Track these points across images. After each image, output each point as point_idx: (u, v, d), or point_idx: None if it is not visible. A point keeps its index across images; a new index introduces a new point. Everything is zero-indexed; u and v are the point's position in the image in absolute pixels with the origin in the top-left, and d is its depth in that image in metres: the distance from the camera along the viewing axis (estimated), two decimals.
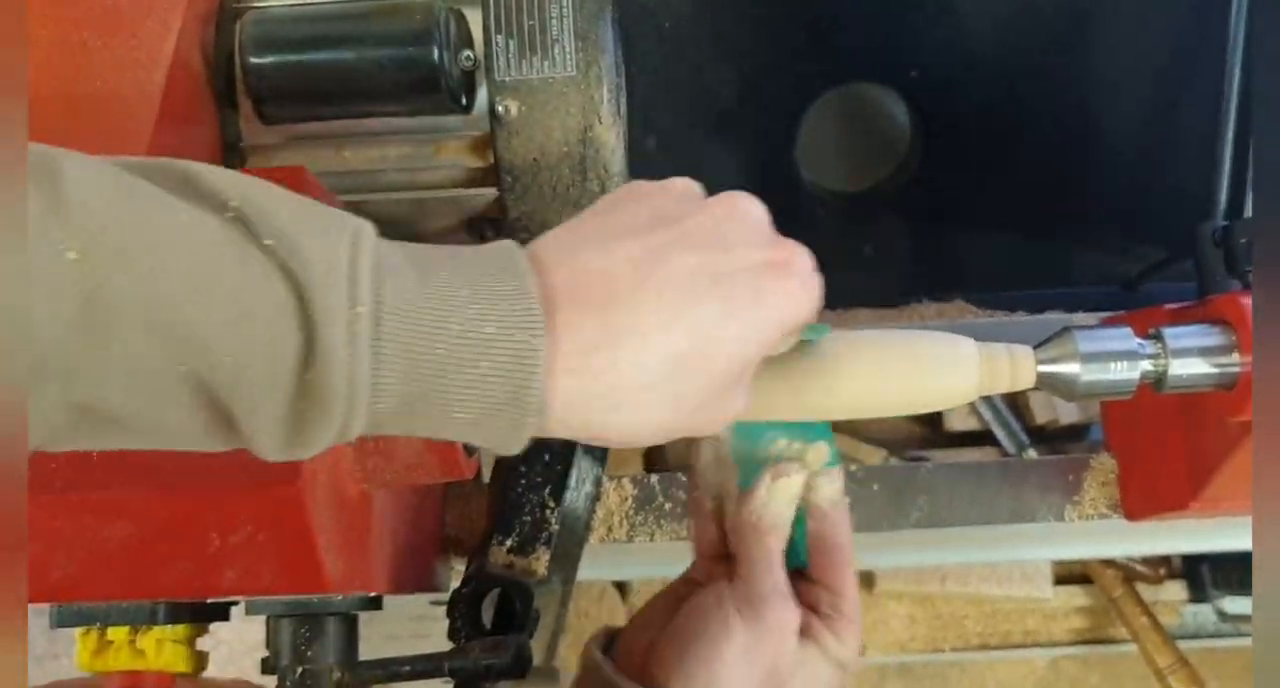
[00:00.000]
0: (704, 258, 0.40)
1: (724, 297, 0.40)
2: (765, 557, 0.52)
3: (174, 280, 0.33)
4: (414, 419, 0.37)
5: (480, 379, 0.36)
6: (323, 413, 0.35)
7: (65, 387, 0.33)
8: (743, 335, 0.40)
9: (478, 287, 0.37)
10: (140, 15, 0.58)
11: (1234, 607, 1.35)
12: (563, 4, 0.61)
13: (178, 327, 0.33)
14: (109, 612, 0.56)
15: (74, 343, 0.33)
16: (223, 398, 0.35)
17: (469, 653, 0.57)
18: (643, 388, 0.39)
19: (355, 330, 0.35)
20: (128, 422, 0.35)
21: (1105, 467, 0.76)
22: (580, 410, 0.38)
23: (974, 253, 0.94)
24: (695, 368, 0.39)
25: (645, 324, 0.38)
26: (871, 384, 0.51)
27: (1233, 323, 0.54)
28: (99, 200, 0.33)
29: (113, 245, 0.33)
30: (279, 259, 0.35)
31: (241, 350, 0.34)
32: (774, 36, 0.89)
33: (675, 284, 0.39)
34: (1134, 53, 0.87)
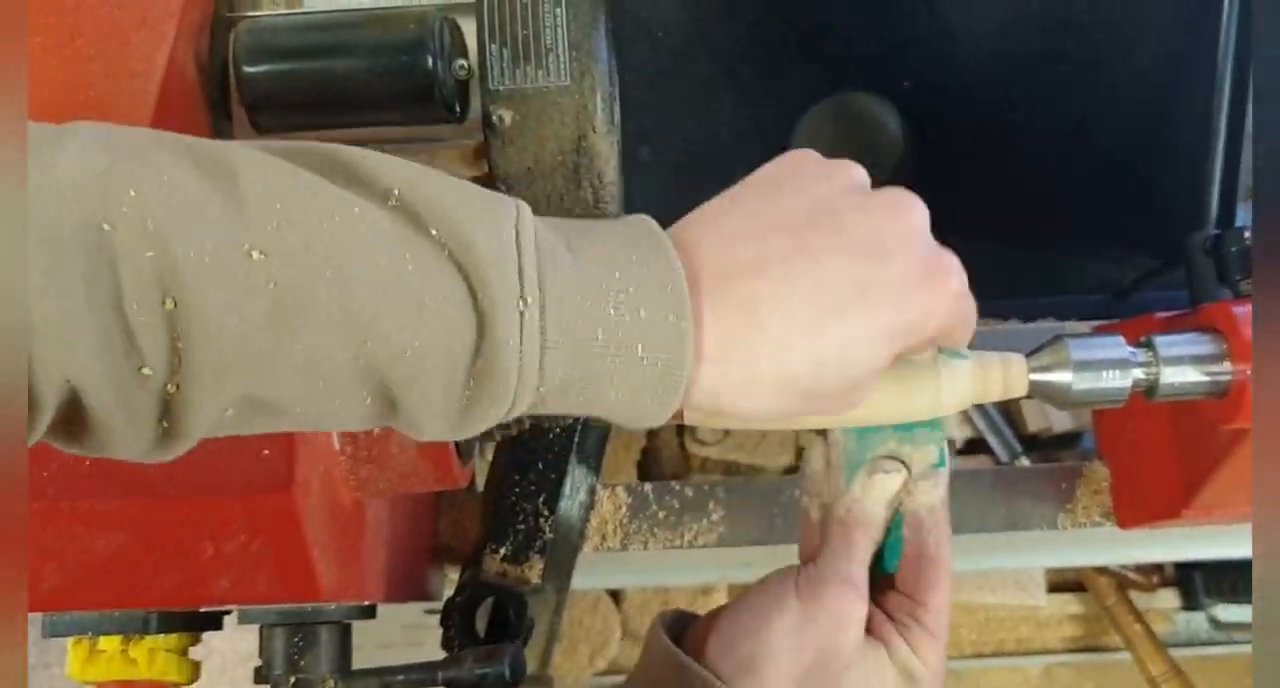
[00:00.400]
0: (859, 266, 0.40)
1: (872, 307, 0.40)
2: (845, 547, 0.50)
3: (356, 277, 0.34)
4: (569, 397, 0.38)
5: (636, 362, 0.38)
6: (493, 400, 0.37)
7: (247, 382, 0.34)
8: (881, 346, 0.41)
9: (628, 271, 0.38)
10: (134, 24, 0.58)
11: (1227, 615, 1.36)
12: (557, 13, 0.61)
13: (362, 323, 0.34)
14: (101, 621, 0.56)
15: (263, 342, 0.34)
16: (396, 388, 0.36)
17: (463, 662, 0.56)
18: (777, 381, 0.40)
19: (525, 321, 0.36)
20: (295, 411, 0.36)
21: (1098, 475, 0.76)
22: (713, 395, 0.40)
23: (966, 261, 0.94)
24: (831, 370, 0.40)
25: (790, 326, 0.39)
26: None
27: (1224, 331, 0.54)
28: (277, 198, 0.34)
29: (296, 244, 0.34)
30: (449, 249, 0.36)
31: (423, 343, 0.35)
32: (767, 46, 0.89)
33: (826, 290, 0.39)
34: (1126, 63, 0.87)
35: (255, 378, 0.34)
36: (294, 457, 0.48)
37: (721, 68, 0.88)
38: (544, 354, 0.37)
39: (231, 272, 0.33)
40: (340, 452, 0.52)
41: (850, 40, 0.89)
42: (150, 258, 0.32)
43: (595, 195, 0.63)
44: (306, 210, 0.34)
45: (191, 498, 0.49)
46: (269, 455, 0.48)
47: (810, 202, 0.41)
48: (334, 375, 0.35)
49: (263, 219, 0.33)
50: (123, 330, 0.32)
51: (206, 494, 0.49)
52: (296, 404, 0.36)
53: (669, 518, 0.76)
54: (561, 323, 0.37)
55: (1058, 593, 1.39)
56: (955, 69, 0.89)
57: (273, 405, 0.36)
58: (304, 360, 0.34)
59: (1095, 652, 1.41)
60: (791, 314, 0.39)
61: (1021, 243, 0.94)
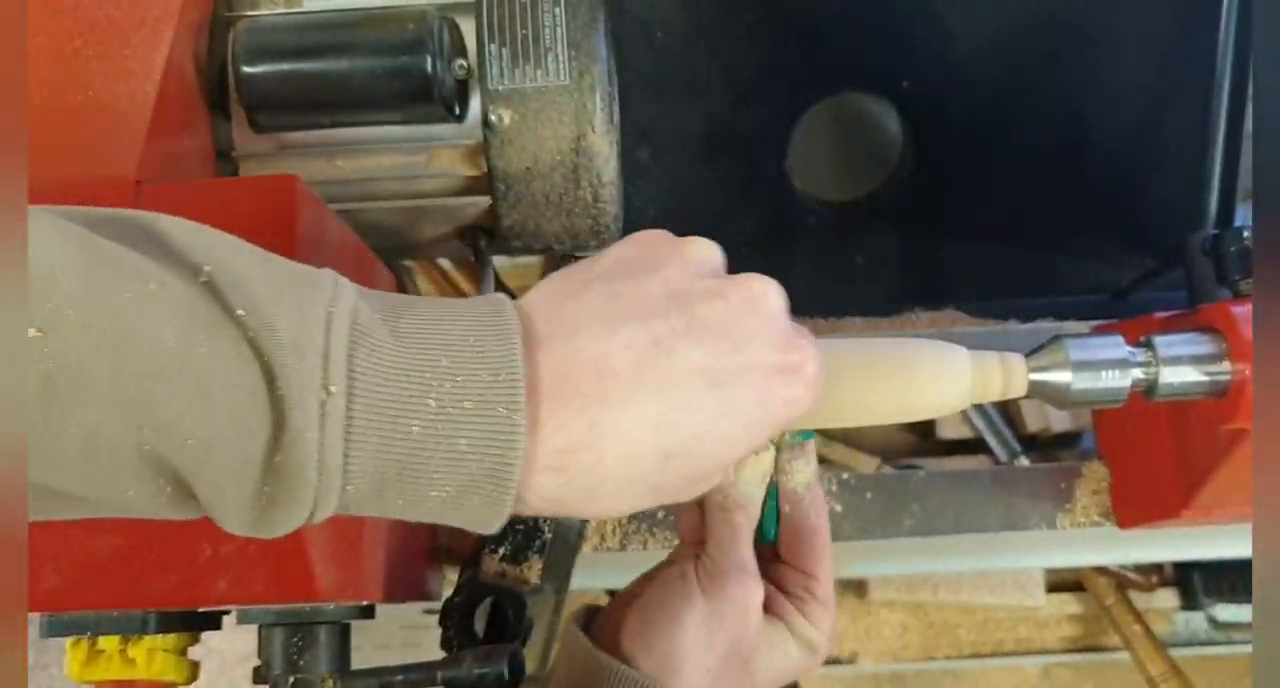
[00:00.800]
0: (711, 356, 0.38)
1: (725, 400, 0.38)
2: (731, 533, 0.52)
3: (139, 357, 0.32)
4: (386, 499, 0.36)
5: (458, 457, 0.35)
6: (291, 498, 0.34)
7: (29, 468, 0.32)
8: (736, 437, 0.39)
9: (459, 355, 0.35)
10: (132, 24, 0.58)
11: (1226, 614, 1.36)
12: (556, 13, 0.61)
13: (140, 405, 0.32)
14: (99, 621, 0.55)
15: (35, 419, 0.31)
16: (187, 478, 0.33)
17: (462, 662, 0.56)
18: (624, 482, 0.38)
19: (326, 412, 0.33)
20: (90, 498, 0.34)
21: (1097, 475, 0.76)
22: (557, 501, 0.38)
23: (965, 262, 0.95)
24: (681, 464, 0.38)
25: (637, 425, 0.37)
26: (865, 393, 0.51)
27: (1223, 331, 0.54)
28: (63, 272, 0.31)
29: (77, 321, 0.31)
30: (250, 333, 0.33)
31: (207, 432, 0.33)
32: (766, 46, 0.89)
33: (675, 383, 0.37)
34: (1124, 63, 0.88)
35: (30, 462, 0.32)
36: None
37: (721, 68, 0.88)
38: (349, 447, 0.34)
39: (6, 350, 0.31)
40: None
41: (849, 41, 0.89)
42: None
43: (594, 195, 0.63)
44: (94, 285, 0.32)
45: None
46: None
47: (662, 284, 0.39)
48: (116, 461, 0.33)
49: (45, 293, 0.31)
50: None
51: None
52: (85, 490, 0.33)
53: (668, 517, 0.76)
54: (372, 416, 0.34)
55: (1056, 593, 1.39)
56: (954, 70, 0.89)
57: (61, 492, 0.33)
58: (81, 444, 0.32)
59: (1094, 652, 1.41)
60: (639, 412, 0.37)
61: (1020, 243, 0.94)
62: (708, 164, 0.91)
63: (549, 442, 0.36)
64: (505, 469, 0.35)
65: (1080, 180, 0.92)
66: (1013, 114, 0.91)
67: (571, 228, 0.65)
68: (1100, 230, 0.93)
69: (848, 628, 1.32)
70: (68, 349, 0.31)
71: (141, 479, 0.33)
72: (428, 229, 0.66)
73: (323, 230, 0.54)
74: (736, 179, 0.93)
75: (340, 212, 0.60)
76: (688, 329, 0.38)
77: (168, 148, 0.56)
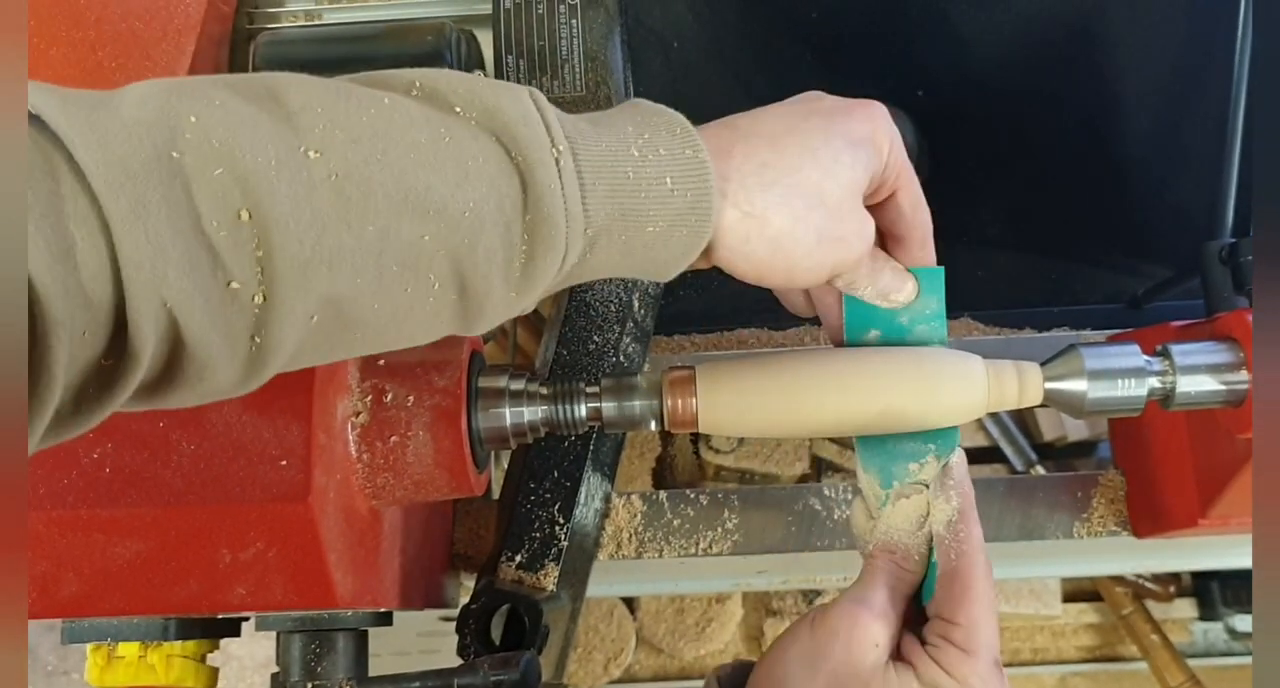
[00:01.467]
0: (825, 118, 0.48)
1: (834, 134, 0.47)
2: (866, 572, 0.51)
3: (403, 157, 0.38)
4: (614, 238, 0.43)
5: (667, 193, 0.43)
6: (548, 248, 0.41)
7: (328, 278, 0.37)
8: (852, 158, 0.47)
9: (641, 122, 0.44)
10: (154, 37, 0.58)
11: (1245, 625, 1.35)
12: (572, 25, 0.62)
13: (418, 196, 0.38)
14: (120, 628, 0.56)
15: (335, 231, 0.37)
16: (462, 258, 0.40)
17: (478, 669, 0.57)
18: (797, 217, 0.46)
19: (561, 167, 0.40)
20: (371, 311, 0.39)
21: (1114, 484, 0.76)
22: (744, 240, 0.45)
23: (981, 271, 0.95)
24: (823, 196, 0.46)
25: (787, 163, 0.46)
26: (882, 401, 0.51)
27: (1240, 340, 0.54)
28: (317, 104, 0.37)
29: (344, 138, 0.37)
30: (476, 120, 0.40)
31: (475, 203, 0.39)
32: (780, 57, 0.89)
33: (804, 132, 0.47)
34: (1139, 72, 0.87)
35: (334, 271, 0.37)
36: (311, 465, 0.48)
37: (736, 79, 0.89)
38: (584, 194, 0.41)
39: (294, 173, 0.36)
40: (357, 460, 0.53)
41: (864, 51, 0.89)
42: (219, 175, 0.35)
43: None
44: (345, 109, 0.38)
45: (209, 506, 0.50)
46: (287, 464, 0.49)
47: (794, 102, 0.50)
48: (404, 257, 0.38)
49: (310, 123, 0.37)
50: (207, 249, 0.35)
51: (224, 502, 0.50)
52: (373, 299, 0.39)
53: (684, 526, 0.76)
54: (593, 165, 0.42)
55: (1073, 602, 1.39)
56: (968, 79, 0.90)
57: (351, 306, 0.38)
58: (374, 244, 0.38)
59: (1112, 662, 1.40)
60: (792, 163, 0.46)
61: (1035, 252, 0.94)
62: None
63: (731, 180, 0.45)
64: (704, 201, 0.44)
65: (1096, 189, 0.92)
66: (1027, 123, 0.91)
67: None
68: (1116, 239, 0.93)
69: None
70: (347, 163, 0.37)
71: (420, 277, 0.39)
72: None
73: None
74: None
75: None
76: (809, 109, 0.49)
77: None
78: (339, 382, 0.52)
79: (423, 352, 0.55)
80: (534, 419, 0.56)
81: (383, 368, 0.54)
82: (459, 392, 0.53)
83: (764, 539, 0.76)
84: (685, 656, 1.46)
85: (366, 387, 0.53)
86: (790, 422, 0.52)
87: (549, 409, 0.56)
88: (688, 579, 0.87)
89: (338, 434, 0.51)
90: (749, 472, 1.11)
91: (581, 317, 0.73)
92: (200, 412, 0.49)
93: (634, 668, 1.48)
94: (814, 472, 1.15)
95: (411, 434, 0.53)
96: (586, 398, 0.56)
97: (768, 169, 0.46)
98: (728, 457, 1.10)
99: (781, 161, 0.46)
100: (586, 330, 0.72)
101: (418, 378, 0.54)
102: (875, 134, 0.49)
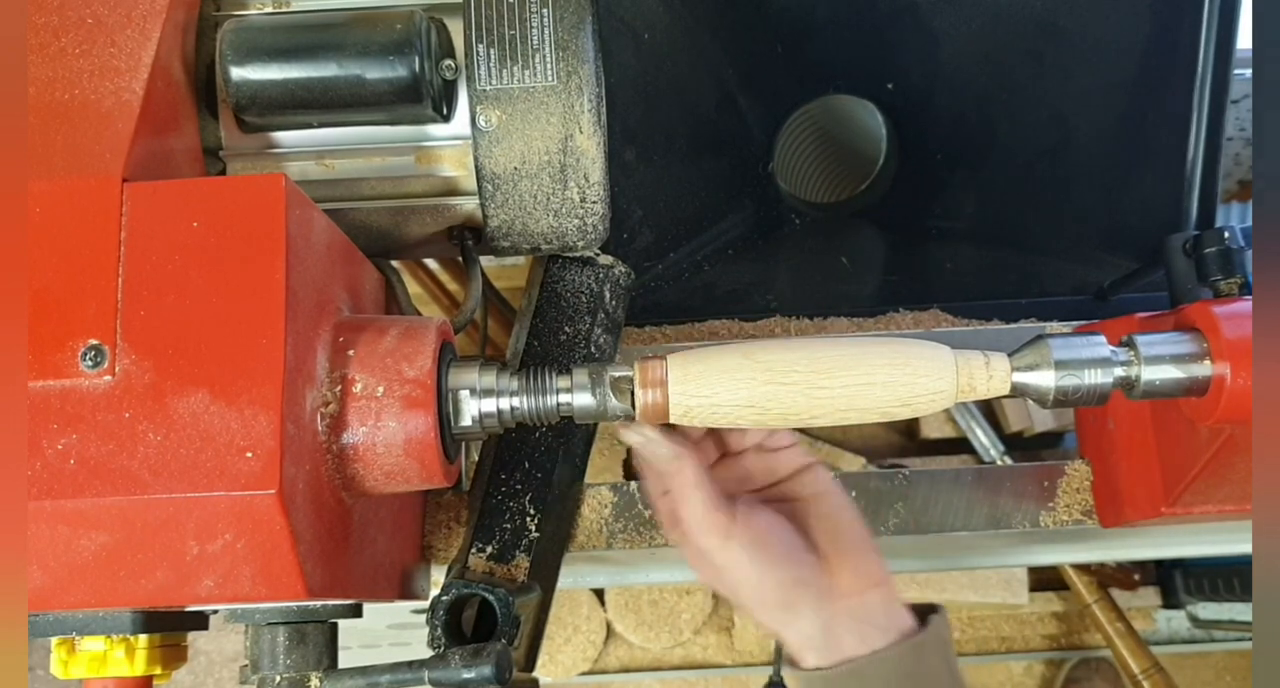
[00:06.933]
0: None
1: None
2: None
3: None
4: None
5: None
6: None
7: None
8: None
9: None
10: (119, 23, 0.57)
11: (1207, 612, 1.37)
12: (544, 14, 0.62)
13: None
14: (85, 621, 0.55)
15: None
16: None
17: (449, 661, 0.56)
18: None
19: None
20: None
21: (1080, 473, 0.77)
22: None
23: (949, 263, 0.95)
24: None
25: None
26: (851, 391, 0.51)
27: (1204, 330, 0.55)
28: None
29: None
30: None
31: None
32: (751, 49, 0.89)
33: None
34: (1106, 67, 0.88)
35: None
36: (279, 456, 0.48)
37: (707, 70, 0.89)
38: None
39: None
40: (327, 450, 0.52)
41: (834, 44, 0.90)
42: None
43: (581, 195, 0.64)
44: None
45: (176, 497, 0.49)
46: (255, 455, 0.48)
47: None
48: None
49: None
50: None
51: (192, 493, 0.49)
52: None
53: (654, 517, 0.76)
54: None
55: (1040, 592, 1.40)
56: (937, 73, 0.90)
57: None
58: None
59: (1077, 650, 1.42)
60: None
61: (1003, 244, 0.95)
62: (694, 165, 0.92)
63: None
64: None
65: (1062, 182, 0.93)
66: (995, 116, 0.91)
67: (559, 228, 0.65)
68: (1082, 231, 0.94)
69: None
70: None
71: None
72: (415, 229, 0.66)
73: (311, 230, 0.54)
74: (723, 181, 0.94)
75: (329, 211, 0.61)
76: None
77: (155, 146, 0.56)
78: (308, 371, 0.51)
79: (394, 342, 0.54)
80: (505, 410, 0.56)
81: (352, 358, 0.53)
82: (429, 382, 0.53)
83: None
84: (655, 647, 1.47)
85: (336, 377, 0.53)
86: (762, 411, 0.52)
87: (520, 400, 0.56)
88: (658, 570, 0.88)
89: (307, 425, 0.51)
90: None
91: (553, 308, 0.72)
92: (167, 402, 0.49)
93: (604, 659, 1.48)
94: None
95: (382, 425, 0.53)
96: (557, 389, 0.56)
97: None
98: None
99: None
100: (558, 321, 0.72)
101: (388, 368, 0.53)
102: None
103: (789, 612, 0.58)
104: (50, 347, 0.49)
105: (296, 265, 0.51)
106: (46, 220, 0.51)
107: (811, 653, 0.57)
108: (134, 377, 0.49)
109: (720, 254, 0.94)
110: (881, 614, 0.58)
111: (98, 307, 0.50)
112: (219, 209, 0.51)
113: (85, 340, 0.49)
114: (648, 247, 0.90)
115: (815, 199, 0.98)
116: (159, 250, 0.50)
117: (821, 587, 0.58)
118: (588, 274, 0.72)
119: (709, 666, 1.48)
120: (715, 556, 0.57)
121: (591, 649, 1.45)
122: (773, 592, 0.57)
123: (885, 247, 0.96)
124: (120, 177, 0.52)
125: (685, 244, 0.92)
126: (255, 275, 0.50)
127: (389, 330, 0.55)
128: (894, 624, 0.58)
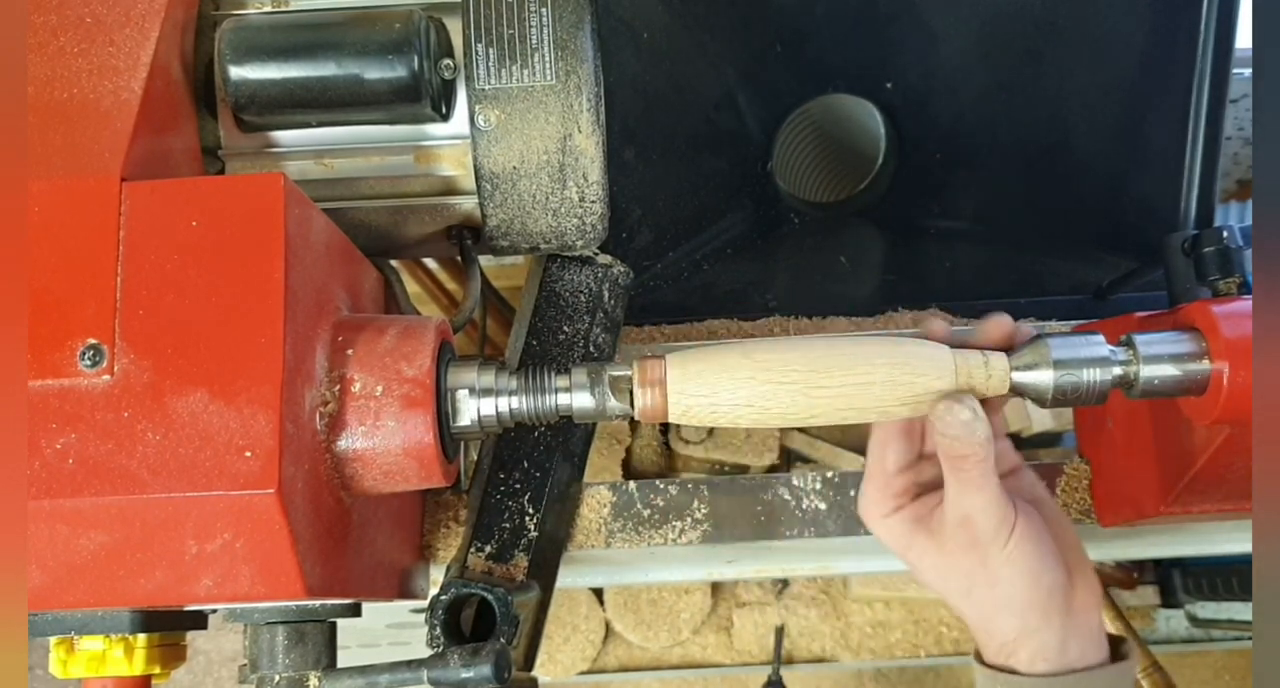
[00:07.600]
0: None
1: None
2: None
3: None
4: None
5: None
6: None
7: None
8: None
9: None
10: (118, 22, 0.57)
11: (1205, 612, 1.37)
12: (543, 13, 0.62)
13: None
14: (84, 621, 0.55)
15: None
16: None
17: (448, 660, 0.57)
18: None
19: None
20: None
21: (1079, 473, 0.77)
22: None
23: (948, 262, 0.95)
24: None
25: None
26: (850, 390, 0.51)
27: (1203, 330, 0.55)
28: None
29: None
30: None
31: None
32: (751, 49, 0.89)
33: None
34: (1104, 65, 0.88)
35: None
36: (279, 455, 0.48)
37: (707, 69, 0.89)
38: None
39: None
40: (326, 450, 0.52)
41: (833, 43, 0.90)
42: None
43: (580, 194, 0.64)
44: None
45: (175, 496, 0.49)
46: (254, 454, 0.48)
47: None
48: None
49: None
50: None
51: (190, 492, 0.49)
52: None
53: (653, 516, 0.76)
54: None
55: None
56: (936, 72, 0.90)
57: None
58: None
59: None
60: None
61: (1002, 244, 0.95)
62: (693, 165, 0.92)
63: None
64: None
65: (1061, 182, 0.93)
66: (994, 116, 0.91)
67: (558, 227, 0.65)
68: (1081, 231, 0.94)
69: (832, 626, 1.33)
70: None
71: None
72: (414, 229, 0.66)
73: (310, 229, 0.54)
74: (722, 180, 0.94)
75: (327, 210, 0.61)
76: None
77: (154, 145, 0.56)
78: (307, 371, 0.51)
79: (393, 341, 0.54)
80: (504, 410, 0.56)
81: (351, 357, 0.53)
82: (428, 382, 0.53)
83: (733, 529, 0.76)
84: (654, 646, 1.47)
85: (335, 376, 0.53)
86: (761, 410, 0.52)
87: (519, 400, 0.56)
88: (657, 570, 0.88)
89: (306, 424, 0.51)
90: (719, 462, 1.12)
91: (551, 307, 0.72)
92: (166, 401, 0.49)
93: (603, 659, 1.48)
94: (783, 462, 1.16)
95: (380, 424, 0.53)
96: (556, 389, 0.56)
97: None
98: (697, 448, 1.10)
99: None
100: (556, 321, 0.72)
101: (387, 368, 0.53)
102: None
103: (1044, 618, 0.57)
104: (49, 346, 0.49)
105: (295, 265, 0.51)
106: (45, 220, 0.51)
107: (1043, 661, 0.57)
108: (133, 376, 0.49)
109: (719, 253, 0.94)
110: (1100, 632, 0.59)
111: (96, 306, 0.50)
112: (218, 208, 0.51)
113: (84, 340, 0.49)
114: (647, 246, 0.90)
115: (814, 198, 0.98)
116: (158, 250, 0.50)
117: (1068, 597, 0.57)
118: (587, 273, 0.72)
119: (708, 665, 1.48)
120: (994, 550, 0.56)
121: (590, 649, 1.45)
122: (1042, 594, 0.56)
123: (884, 246, 0.96)
124: (119, 176, 0.52)
125: (684, 243, 0.92)
126: (254, 275, 0.50)
127: (388, 330, 0.55)
128: (1104, 644, 0.59)
